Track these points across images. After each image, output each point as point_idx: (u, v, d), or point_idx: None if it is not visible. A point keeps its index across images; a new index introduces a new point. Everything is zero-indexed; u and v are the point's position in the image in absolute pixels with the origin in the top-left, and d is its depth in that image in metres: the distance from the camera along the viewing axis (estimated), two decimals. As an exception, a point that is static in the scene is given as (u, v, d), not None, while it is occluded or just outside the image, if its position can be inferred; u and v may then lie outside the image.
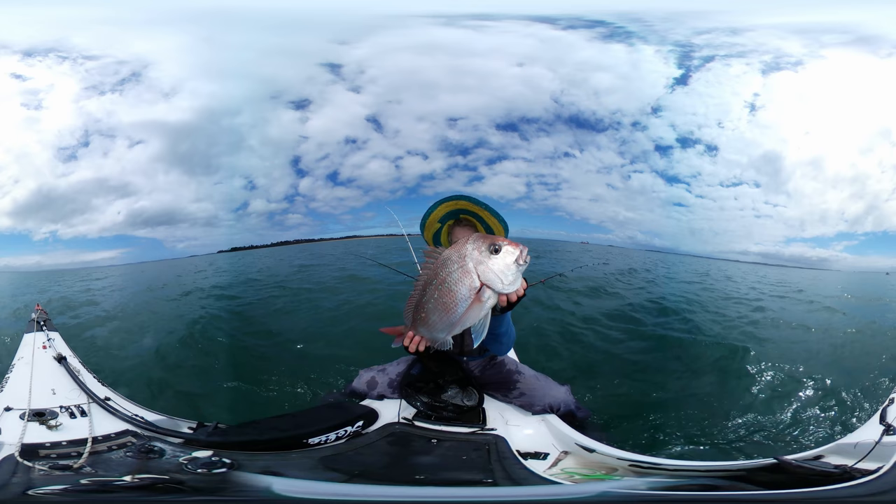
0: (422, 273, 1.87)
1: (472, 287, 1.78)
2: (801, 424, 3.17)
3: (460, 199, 2.52)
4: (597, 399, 3.49)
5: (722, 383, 3.97)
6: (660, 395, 3.67)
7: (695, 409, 3.35)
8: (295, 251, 20.21)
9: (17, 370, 2.48)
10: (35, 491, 1.45)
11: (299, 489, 1.61)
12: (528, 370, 2.59)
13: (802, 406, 3.40)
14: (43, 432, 1.82)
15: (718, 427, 3.11)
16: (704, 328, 5.91)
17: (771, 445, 2.91)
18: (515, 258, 1.77)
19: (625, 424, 3.15)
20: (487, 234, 2.38)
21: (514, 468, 1.87)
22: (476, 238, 1.81)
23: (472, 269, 1.77)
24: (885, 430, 1.63)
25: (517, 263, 1.77)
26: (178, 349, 4.87)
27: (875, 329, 6.08)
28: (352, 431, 2.10)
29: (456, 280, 1.78)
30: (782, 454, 1.62)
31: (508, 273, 1.77)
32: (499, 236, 1.87)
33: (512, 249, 1.77)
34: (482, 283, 1.77)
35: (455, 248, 1.81)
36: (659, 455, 2.43)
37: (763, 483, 1.54)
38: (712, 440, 2.97)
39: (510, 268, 1.77)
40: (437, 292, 1.82)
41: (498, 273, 1.77)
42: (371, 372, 2.63)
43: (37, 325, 3.14)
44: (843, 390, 3.54)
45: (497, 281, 1.77)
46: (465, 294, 1.78)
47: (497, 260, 1.77)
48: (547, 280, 3.62)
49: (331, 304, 7.04)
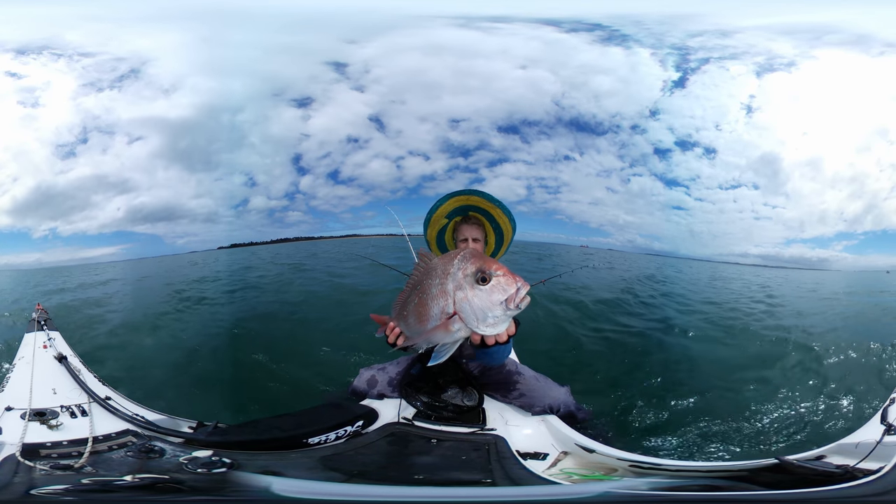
0: (413, 273, 1.71)
1: (443, 311, 1.53)
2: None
3: (472, 194, 2.42)
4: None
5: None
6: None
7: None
8: (292, 250, 20.19)
9: (17, 370, 2.48)
10: (37, 490, 1.45)
11: (299, 489, 1.61)
12: (528, 371, 2.58)
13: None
14: (44, 432, 1.82)
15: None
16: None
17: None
18: (505, 298, 1.44)
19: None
20: (482, 253, 1.83)
21: (513, 468, 1.87)
22: (468, 256, 1.55)
23: (451, 291, 1.51)
24: (887, 430, 1.63)
25: (505, 306, 1.45)
26: (178, 349, 4.88)
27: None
28: (351, 431, 2.10)
29: (433, 296, 1.56)
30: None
31: (489, 313, 1.46)
32: (496, 262, 1.52)
33: (504, 285, 1.45)
34: (455, 311, 1.50)
35: (444, 260, 1.59)
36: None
37: (764, 483, 1.54)
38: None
39: (494, 307, 1.46)
40: (416, 298, 1.65)
41: (476, 308, 1.47)
42: (371, 370, 2.62)
43: (37, 324, 3.14)
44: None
45: (472, 317, 1.48)
46: (435, 314, 1.55)
47: (480, 293, 1.46)
48: (547, 281, 3.61)
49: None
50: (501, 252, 2.66)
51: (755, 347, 5.21)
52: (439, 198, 2.45)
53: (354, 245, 20.81)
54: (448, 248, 2.64)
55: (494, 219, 2.47)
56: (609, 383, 3.96)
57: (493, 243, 2.60)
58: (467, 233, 2.51)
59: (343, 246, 19.92)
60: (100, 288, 10.42)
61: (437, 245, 2.65)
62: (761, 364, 4.44)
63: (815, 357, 4.50)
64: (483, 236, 2.55)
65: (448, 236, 2.62)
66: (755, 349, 5.13)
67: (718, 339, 5.64)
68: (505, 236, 2.58)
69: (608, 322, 6.13)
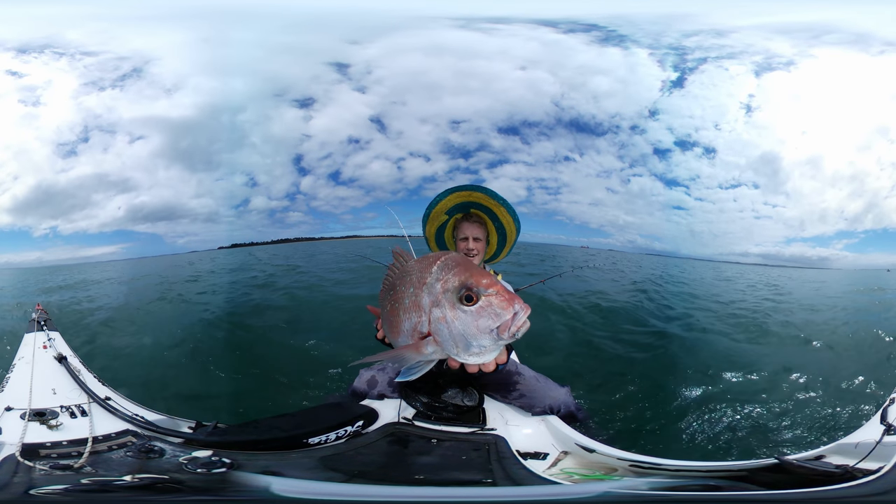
0: (388, 275, 1.43)
1: (416, 329, 1.23)
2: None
3: (474, 189, 2.28)
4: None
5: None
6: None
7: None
8: (292, 250, 20.20)
9: (17, 370, 2.48)
10: (37, 490, 1.45)
11: (299, 489, 1.61)
12: (528, 371, 2.56)
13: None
14: (43, 432, 1.82)
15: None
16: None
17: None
18: (497, 326, 1.12)
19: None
20: (468, 261, 1.30)
21: (513, 468, 1.86)
22: (451, 263, 1.21)
23: (426, 307, 1.19)
24: (886, 430, 1.63)
25: (496, 334, 1.12)
26: (178, 348, 4.88)
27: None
28: (352, 431, 2.09)
29: (405, 308, 1.26)
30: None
31: (473, 341, 1.13)
32: (487, 275, 1.18)
33: (497, 308, 1.11)
34: (430, 332, 1.19)
35: (421, 264, 1.28)
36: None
37: (764, 483, 1.54)
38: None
39: (481, 335, 1.13)
40: (388, 306, 1.36)
41: (456, 334, 1.14)
42: (371, 371, 2.60)
43: (37, 324, 3.14)
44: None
45: (450, 343, 1.15)
46: (406, 329, 1.26)
47: (463, 316, 1.13)
48: (547, 280, 3.60)
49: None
50: (503, 254, 2.58)
51: (779, 346, 5.23)
52: (440, 192, 2.35)
53: (354, 246, 20.81)
54: (448, 247, 2.57)
55: (497, 217, 2.37)
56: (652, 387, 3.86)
57: (494, 243, 2.51)
58: (468, 231, 2.42)
59: (346, 247, 19.92)
60: (100, 286, 10.44)
61: (436, 243, 2.57)
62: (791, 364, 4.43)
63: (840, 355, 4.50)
64: (484, 235, 2.46)
65: (448, 234, 2.53)
66: (779, 347, 5.16)
67: (749, 337, 5.63)
68: (508, 237, 2.48)
69: (634, 326, 6.07)
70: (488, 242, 2.51)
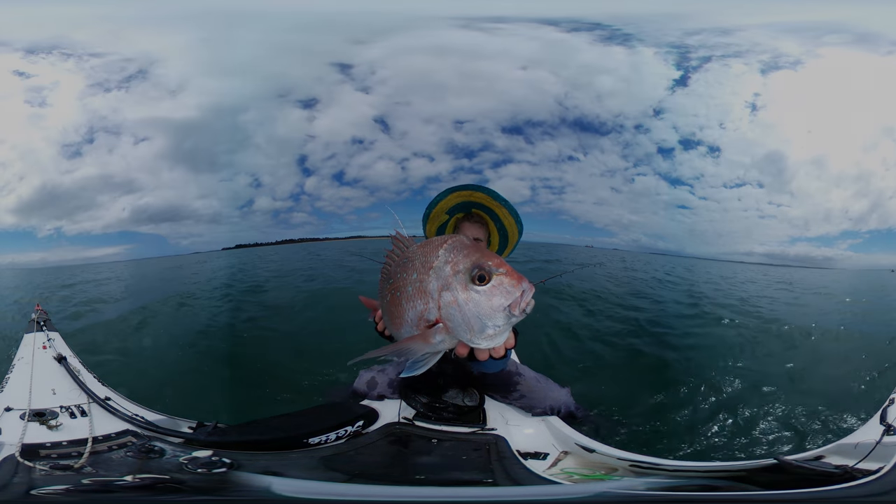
0: (387, 263, 1.38)
1: (422, 317, 1.19)
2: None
3: (476, 189, 2.26)
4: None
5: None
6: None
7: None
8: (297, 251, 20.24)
9: (17, 370, 2.48)
10: (37, 491, 1.46)
11: (299, 489, 1.61)
12: (528, 371, 2.55)
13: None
14: (43, 432, 1.82)
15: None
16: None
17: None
18: (509, 303, 1.12)
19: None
20: (475, 243, 1.32)
21: (514, 468, 1.86)
22: (458, 246, 1.20)
23: (434, 292, 1.16)
24: (886, 431, 1.63)
25: (508, 311, 1.12)
26: (178, 348, 4.89)
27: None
28: (352, 431, 2.09)
29: (408, 296, 1.22)
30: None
31: (489, 321, 1.13)
32: (495, 255, 1.19)
33: (508, 286, 1.12)
34: (439, 318, 1.16)
35: (424, 249, 1.24)
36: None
37: (763, 483, 1.54)
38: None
39: (495, 315, 1.12)
40: (389, 296, 1.32)
41: (471, 315, 1.13)
42: (371, 372, 2.60)
43: (37, 325, 3.15)
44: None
45: (463, 327, 1.14)
46: (411, 319, 1.22)
47: (477, 296, 1.12)
48: (548, 280, 3.58)
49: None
50: (504, 255, 2.57)
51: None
52: (441, 191, 2.33)
53: (357, 246, 20.82)
54: None
55: (499, 218, 2.35)
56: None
57: (496, 245, 2.51)
58: (468, 231, 2.40)
59: (348, 247, 19.95)
60: (101, 286, 10.47)
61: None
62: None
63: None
64: (486, 236, 2.45)
65: (448, 234, 2.54)
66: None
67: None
68: (510, 238, 2.47)
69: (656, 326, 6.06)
70: (489, 243, 2.51)
